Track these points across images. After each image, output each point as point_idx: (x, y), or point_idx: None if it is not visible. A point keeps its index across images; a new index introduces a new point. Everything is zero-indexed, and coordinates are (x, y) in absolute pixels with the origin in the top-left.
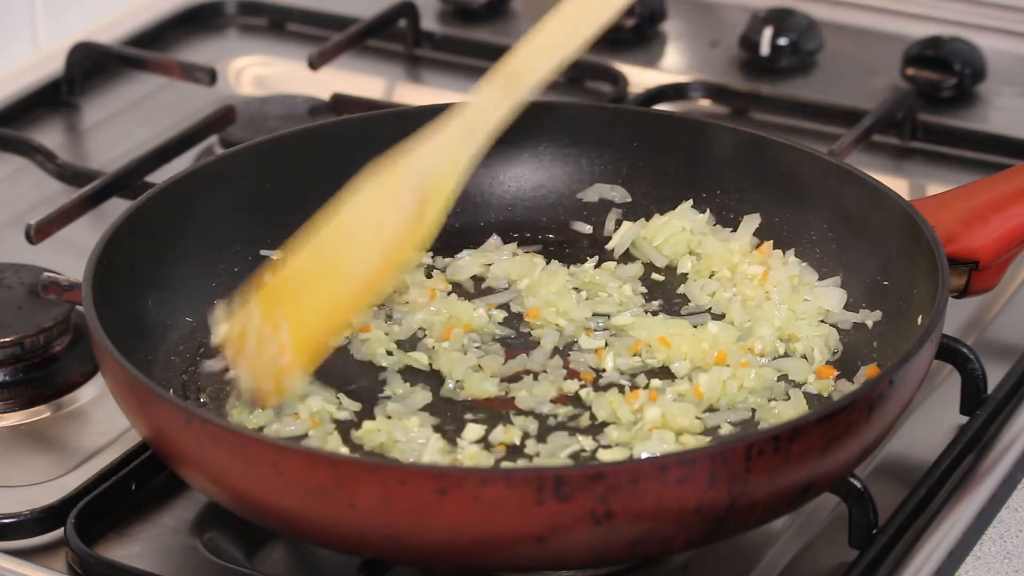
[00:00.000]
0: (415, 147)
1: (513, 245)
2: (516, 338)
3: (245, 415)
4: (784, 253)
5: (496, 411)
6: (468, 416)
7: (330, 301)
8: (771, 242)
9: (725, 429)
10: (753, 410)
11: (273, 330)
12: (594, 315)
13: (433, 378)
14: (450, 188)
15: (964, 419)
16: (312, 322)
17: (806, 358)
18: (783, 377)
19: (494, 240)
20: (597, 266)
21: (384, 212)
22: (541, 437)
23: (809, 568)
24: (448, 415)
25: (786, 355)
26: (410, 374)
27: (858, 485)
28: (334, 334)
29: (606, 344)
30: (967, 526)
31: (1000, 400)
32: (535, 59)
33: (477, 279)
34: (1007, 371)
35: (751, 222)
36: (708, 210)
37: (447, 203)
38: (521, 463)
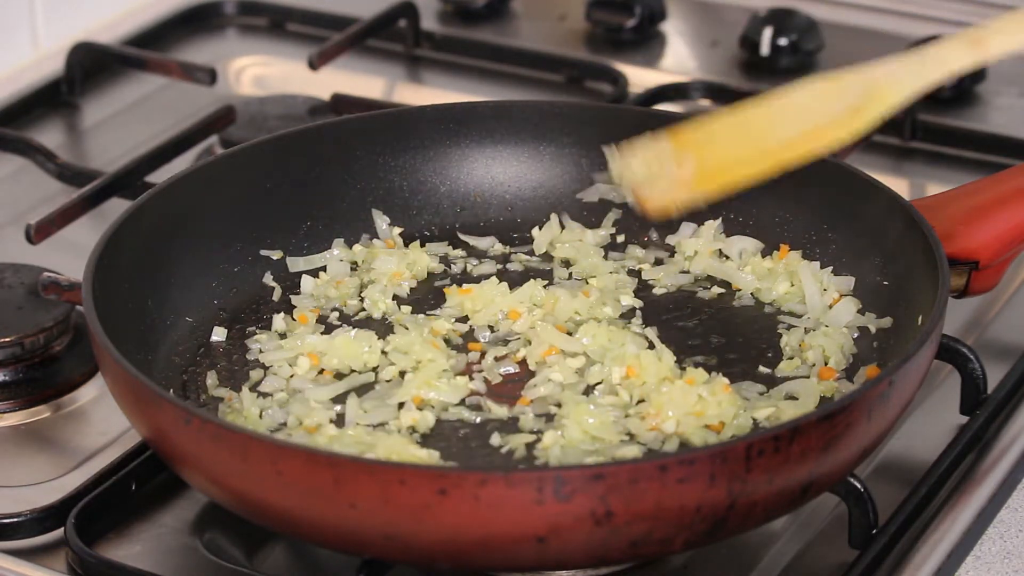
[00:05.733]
0: (869, 66)
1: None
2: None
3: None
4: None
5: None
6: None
7: (741, 155)
8: (786, 246)
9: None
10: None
11: (677, 166)
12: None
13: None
14: (890, 102)
15: (964, 419)
16: (718, 166)
17: (815, 366)
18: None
19: None
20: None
21: (820, 102)
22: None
23: (809, 568)
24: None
25: (789, 378)
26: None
27: (858, 485)
28: (734, 183)
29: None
30: (967, 526)
31: (1000, 400)
32: (1009, 28)
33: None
34: (1007, 371)
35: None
36: (711, 216)
37: (883, 115)
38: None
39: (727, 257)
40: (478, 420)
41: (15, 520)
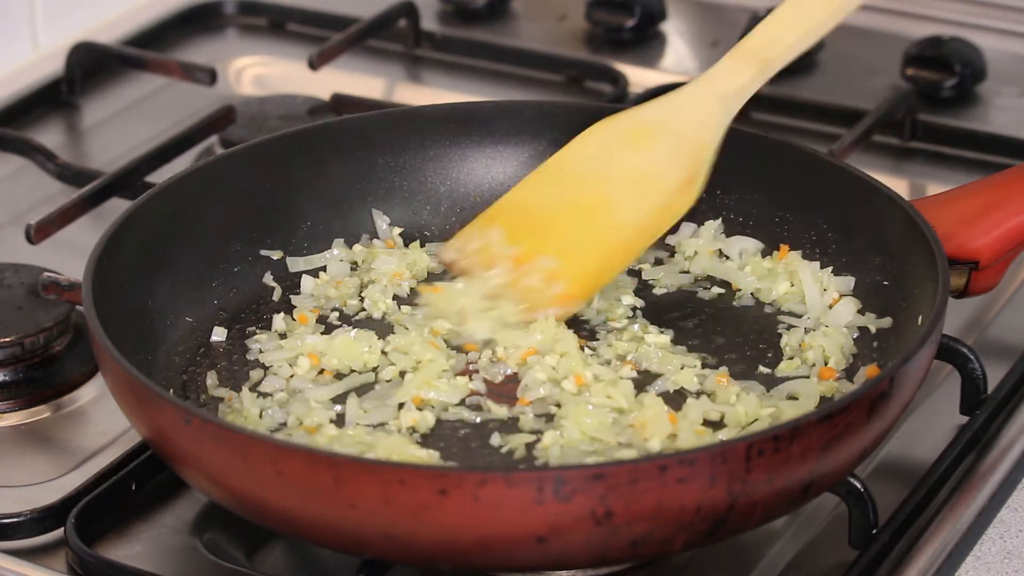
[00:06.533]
0: (658, 105)
1: None
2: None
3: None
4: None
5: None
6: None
7: (600, 242)
8: (786, 246)
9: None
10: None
11: (530, 257)
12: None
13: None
14: (712, 152)
15: (964, 419)
16: (583, 258)
17: (815, 366)
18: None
19: None
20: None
21: (652, 165)
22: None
23: (809, 568)
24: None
25: (788, 378)
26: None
27: (858, 485)
28: (606, 274)
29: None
30: (967, 526)
31: (1000, 400)
32: (781, 33)
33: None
34: (1007, 371)
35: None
36: (711, 216)
37: (708, 169)
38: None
39: (727, 257)
40: (478, 420)
41: (15, 520)
